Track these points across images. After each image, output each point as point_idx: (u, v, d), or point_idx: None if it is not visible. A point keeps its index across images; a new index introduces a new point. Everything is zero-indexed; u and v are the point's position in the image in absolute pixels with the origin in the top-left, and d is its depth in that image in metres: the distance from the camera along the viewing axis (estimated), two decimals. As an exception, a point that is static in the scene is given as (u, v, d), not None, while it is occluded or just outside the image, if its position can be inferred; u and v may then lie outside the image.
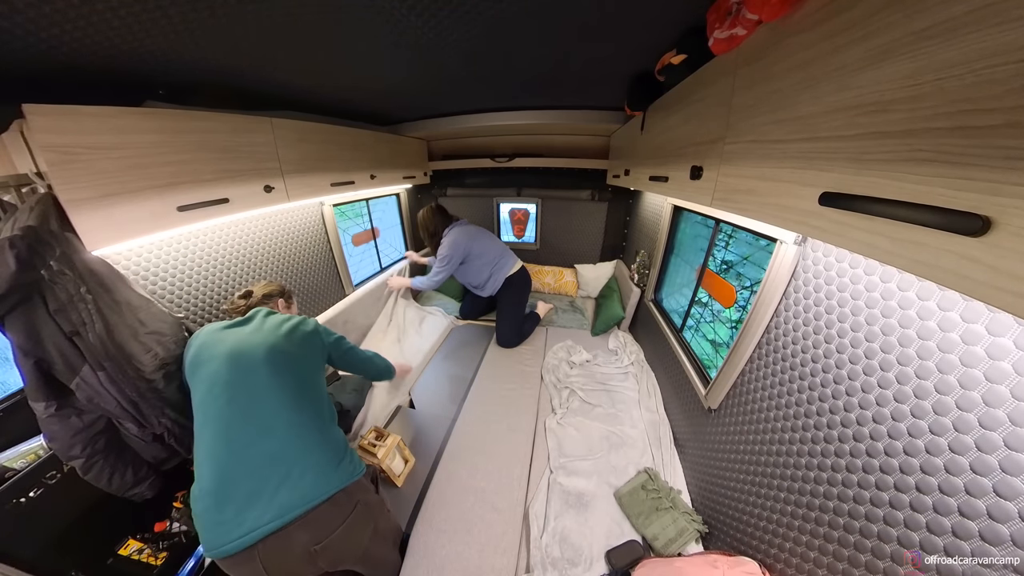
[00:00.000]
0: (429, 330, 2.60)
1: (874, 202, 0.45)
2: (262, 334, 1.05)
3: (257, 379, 0.96)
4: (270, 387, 0.95)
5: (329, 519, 0.88)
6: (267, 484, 0.85)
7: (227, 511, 0.83)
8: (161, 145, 1.02)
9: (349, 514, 0.91)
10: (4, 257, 0.77)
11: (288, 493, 0.85)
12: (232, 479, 0.85)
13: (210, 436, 0.90)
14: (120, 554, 1.15)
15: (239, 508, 0.82)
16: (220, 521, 0.82)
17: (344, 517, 0.90)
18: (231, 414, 0.91)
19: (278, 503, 0.83)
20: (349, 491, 0.92)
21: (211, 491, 0.85)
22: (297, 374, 1.02)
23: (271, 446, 0.89)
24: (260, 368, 0.97)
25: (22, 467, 0.99)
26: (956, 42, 0.37)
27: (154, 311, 1.09)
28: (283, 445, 0.90)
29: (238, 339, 1.02)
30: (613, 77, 1.47)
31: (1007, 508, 0.52)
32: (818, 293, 0.90)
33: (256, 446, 0.88)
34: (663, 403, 1.85)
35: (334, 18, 0.86)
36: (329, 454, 0.94)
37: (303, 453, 0.90)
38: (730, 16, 0.75)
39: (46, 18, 0.68)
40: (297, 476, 0.87)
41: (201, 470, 0.88)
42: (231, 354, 0.98)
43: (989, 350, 0.56)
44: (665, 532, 1.22)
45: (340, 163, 1.81)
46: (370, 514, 0.99)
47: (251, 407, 0.92)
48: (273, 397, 0.94)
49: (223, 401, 0.92)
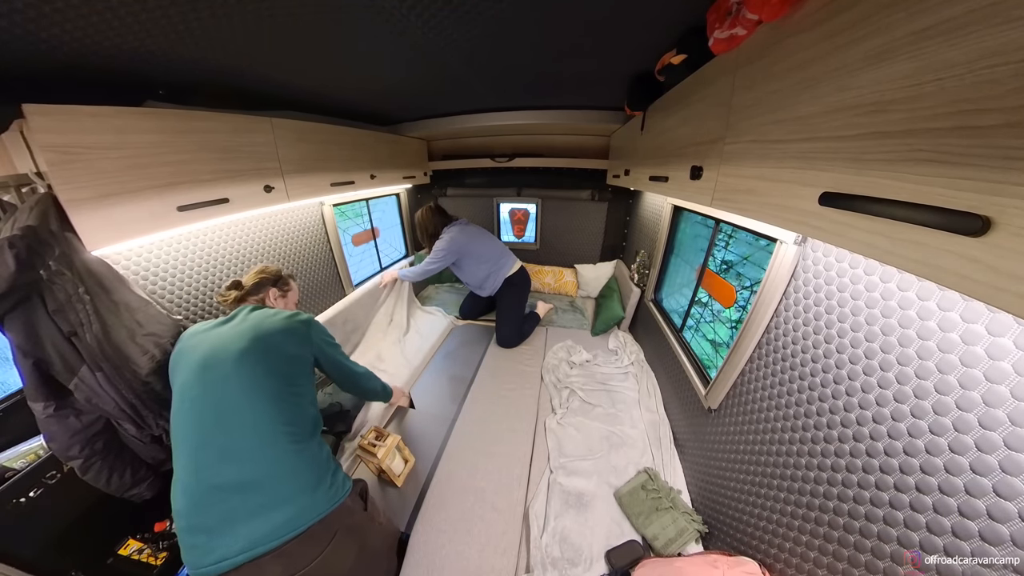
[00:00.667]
0: (429, 330, 2.60)
1: (874, 202, 0.45)
2: (238, 336, 0.97)
3: (226, 395, 0.89)
4: (239, 407, 0.88)
5: (304, 552, 0.82)
6: (237, 513, 0.80)
7: (198, 537, 0.80)
8: (161, 145, 1.02)
9: (327, 545, 0.85)
10: (4, 257, 0.77)
11: (260, 525, 0.80)
12: (200, 506, 0.81)
13: (181, 458, 0.86)
14: (120, 554, 1.15)
15: (209, 535, 0.79)
16: (193, 545, 0.80)
17: (321, 549, 0.84)
18: (198, 436, 0.86)
19: (248, 535, 0.79)
20: (327, 521, 0.86)
21: (183, 514, 0.82)
22: (275, 378, 0.95)
23: (240, 473, 0.83)
24: (230, 380, 0.90)
25: (22, 467, 0.99)
26: (956, 42, 0.37)
27: (152, 313, 1.09)
28: (253, 471, 0.84)
29: (213, 344, 0.96)
30: (613, 77, 1.47)
31: (1007, 508, 0.52)
32: (818, 293, 0.90)
33: (224, 473, 0.83)
34: (663, 403, 1.85)
35: (333, 18, 0.86)
36: (305, 478, 0.88)
37: (276, 480, 0.84)
38: (730, 16, 0.75)
39: (46, 18, 0.68)
40: (269, 506, 0.82)
41: (175, 490, 0.84)
42: (202, 364, 0.92)
43: (989, 350, 0.56)
44: (665, 532, 1.22)
45: (340, 163, 1.82)
46: (353, 538, 0.93)
47: (219, 429, 0.86)
48: (242, 418, 0.87)
49: (191, 420, 0.88)
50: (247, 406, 0.89)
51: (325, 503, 0.88)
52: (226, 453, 0.84)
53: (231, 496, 0.82)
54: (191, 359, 0.95)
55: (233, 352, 0.93)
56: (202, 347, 0.96)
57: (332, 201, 2.17)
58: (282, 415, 0.91)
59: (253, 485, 0.83)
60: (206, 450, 0.85)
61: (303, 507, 0.84)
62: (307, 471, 0.89)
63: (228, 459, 0.84)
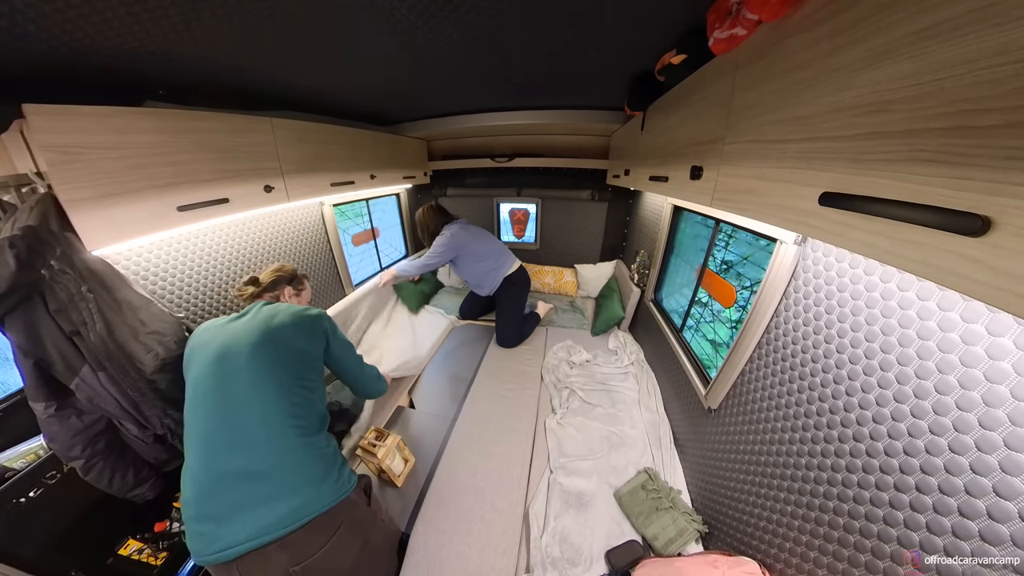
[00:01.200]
0: (429, 330, 2.60)
1: (874, 202, 0.45)
2: (251, 331, 0.99)
3: (237, 387, 0.91)
4: (250, 399, 0.90)
5: (309, 542, 0.85)
6: (244, 502, 0.82)
7: (206, 524, 0.82)
8: (161, 145, 1.02)
9: (332, 536, 0.87)
10: (4, 257, 0.77)
11: (266, 514, 0.82)
12: (208, 495, 0.83)
13: (192, 447, 0.88)
14: (120, 554, 1.15)
15: (216, 523, 0.81)
16: (200, 532, 0.82)
17: (326, 539, 0.86)
18: (210, 427, 0.88)
19: (255, 523, 0.80)
20: (332, 513, 0.88)
21: (191, 502, 0.84)
22: (285, 371, 0.96)
23: (249, 463, 0.85)
24: (242, 373, 0.92)
25: (22, 467, 1.00)
26: (956, 42, 0.37)
27: (154, 311, 1.09)
28: (261, 462, 0.86)
29: (228, 338, 0.98)
30: (613, 77, 1.47)
31: (1007, 508, 0.52)
32: (818, 293, 0.90)
33: (233, 463, 0.85)
34: (663, 403, 1.84)
35: (333, 18, 0.86)
36: (312, 471, 0.89)
37: (283, 471, 0.86)
38: (730, 16, 0.75)
39: (46, 18, 0.68)
40: (276, 496, 0.83)
41: (185, 479, 0.86)
42: (217, 356, 0.95)
43: (989, 350, 0.56)
44: (665, 532, 1.22)
45: (340, 163, 1.82)
46: (357, 531, 0.95)
47: (230, 420, 0.88)
48: (253, 410, 0.89)
49: (203, 411, 0.90)
50: (257, 398, 0.90)
51: (331, 495, 0.89)
52: (235, 444, 0.86)
53: (239, 485, 0.83)
54: (206, 353, 0.97)
55: (246, 346, 0.95)
56: (216, 341, 0.98)
57: (332, 201, 2.17)
58: (291, 408, 0.93)
59: (261, 475, 0.85)
60: (216, 440, 0.87)
61: (309, 498, 0.86)
62: (314, 464, 0.91)
63: (237, 449, 0.86)
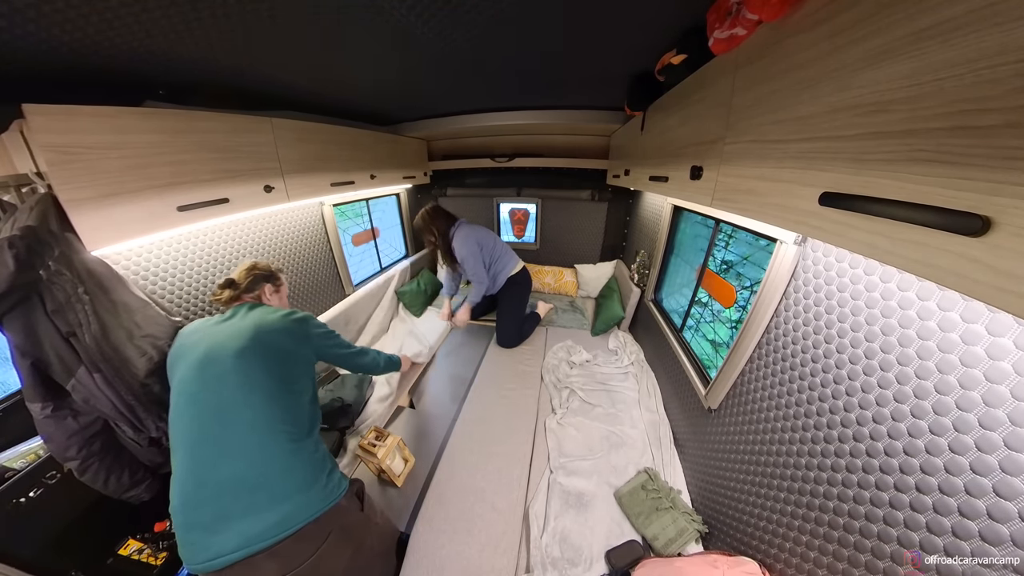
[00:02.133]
0: (429, 330, 2.60)
1: (874, 202, 0.45)
2: (237, 334, 0.97)
3: (224, 393, 0.89)
4: (236, 404, 0.88)
5: (297, 552, 0.83)
6: (231, 511, 0.81)
7: (195, 533, 0.81)
8: (161, 145, 1.02)
9: (320, 545, 0.86)
10: (3, 257, 0.77)
11: (253, 522, 0.80)
12: (196, 503, 0.82)
13: (179, 454, 0.86)
14: (120, 554, 1.15)
15: (204, 532, 0.80)
16: (190, 541, 0.81)
17: (315, 548, 0.85)
18: (196, 434, 0.87)
19: (243, 533, 0.79)
20: (321, 521, 0.87)
21: (180, 510, 0.83)
22: (273, 376, 0.95)
23: (236, 470, 0.83)
24: (229, 378, 0.90)
25: (22, 467, 1.00)
26: (956, 42, 0.37)
27: (151, 314, 1.08)
28: (249, 469, 0.84)
29: (212, 341, 0.96)
30: (613, 77, 1.47)
31: (1007, 508, 0.52)
32: (818, 293, 0.90)
33: (220, 470, 0.83)
34: (663, 403, 1.85)
35: (333, 18, 0.86)
36: (300, 477, 0.88)
37: (270, 479, 0.85)
38: (730, 16, 0.75)
39: (46, 18, 0.68)
40: (264, 505, 0.82)
41: (173, 487, 0.85)
42: (201, 361, 0.92)
43: (989, 350, 0.56)
44: (665, 532, 1.22)
45: (340, 163, 1.82)
46: (348, 539, 0.93)
47: (215, 427, 0.86)
48: (240, 416, 0.88)
49: (188, 418, 0.88)
50: (244, 404, 0.89)
51: (319, 503, 0.88)
52: (222, 450, 0.85)
53: (226, 494, 0.82)
54: (190, 356, 0.95)
55: (232, 350, 0.93)
56: (202, 344, 0.96)
57: (332, 201, 2.17)
58: (280, 413, 0.91)
59: (248, 483, 0.83)
60: (203, 447, 0.85)
61: (297, 506, 0.85)
62: (302, 470, 0.89)
63: (224, 456, 0.84)
